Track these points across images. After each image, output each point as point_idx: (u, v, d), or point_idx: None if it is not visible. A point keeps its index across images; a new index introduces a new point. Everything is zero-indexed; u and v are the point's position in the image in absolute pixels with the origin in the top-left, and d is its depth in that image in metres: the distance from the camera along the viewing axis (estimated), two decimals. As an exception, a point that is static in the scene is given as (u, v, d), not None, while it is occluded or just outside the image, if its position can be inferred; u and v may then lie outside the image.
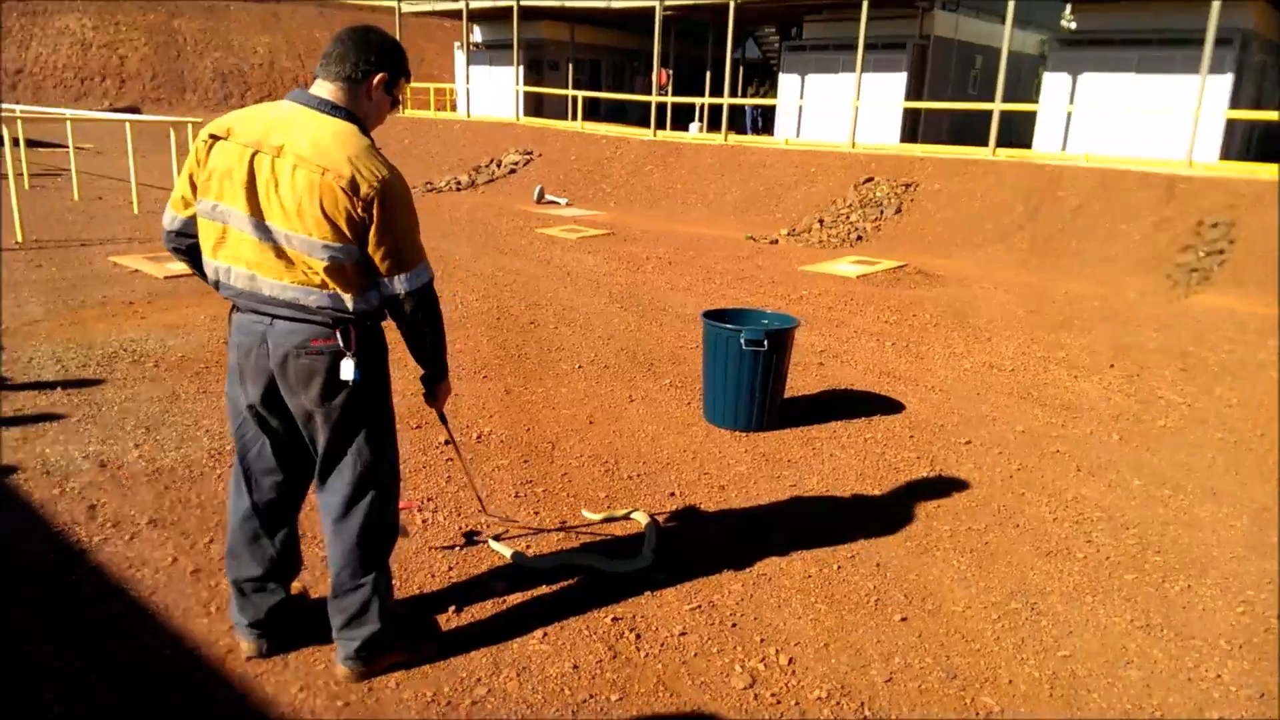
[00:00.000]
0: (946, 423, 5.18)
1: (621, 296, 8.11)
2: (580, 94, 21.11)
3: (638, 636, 3.00)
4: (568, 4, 22.36)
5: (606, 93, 24.62)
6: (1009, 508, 4.09)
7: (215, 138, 2.36)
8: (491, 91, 25.09)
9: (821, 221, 14.18)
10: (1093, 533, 3.87)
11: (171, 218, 2.50)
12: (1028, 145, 17.14)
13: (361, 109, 2.41)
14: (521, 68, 23.46)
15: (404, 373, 4.73)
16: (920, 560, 3.58)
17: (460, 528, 3.70)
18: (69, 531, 3.55)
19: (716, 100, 19.43)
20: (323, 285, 2.34)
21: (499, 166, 19.04)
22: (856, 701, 2.72)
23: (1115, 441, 4.99)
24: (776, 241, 12.72)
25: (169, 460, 4.25)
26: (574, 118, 21.21)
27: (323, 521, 2.65)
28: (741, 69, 24.32)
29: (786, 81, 20.48)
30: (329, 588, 2.68)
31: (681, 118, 22.85)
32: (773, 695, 2.74)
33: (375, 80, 2.40)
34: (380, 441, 2.59)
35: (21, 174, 13.98)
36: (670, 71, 22.34)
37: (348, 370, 2.39)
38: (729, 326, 4.75)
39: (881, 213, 14.32)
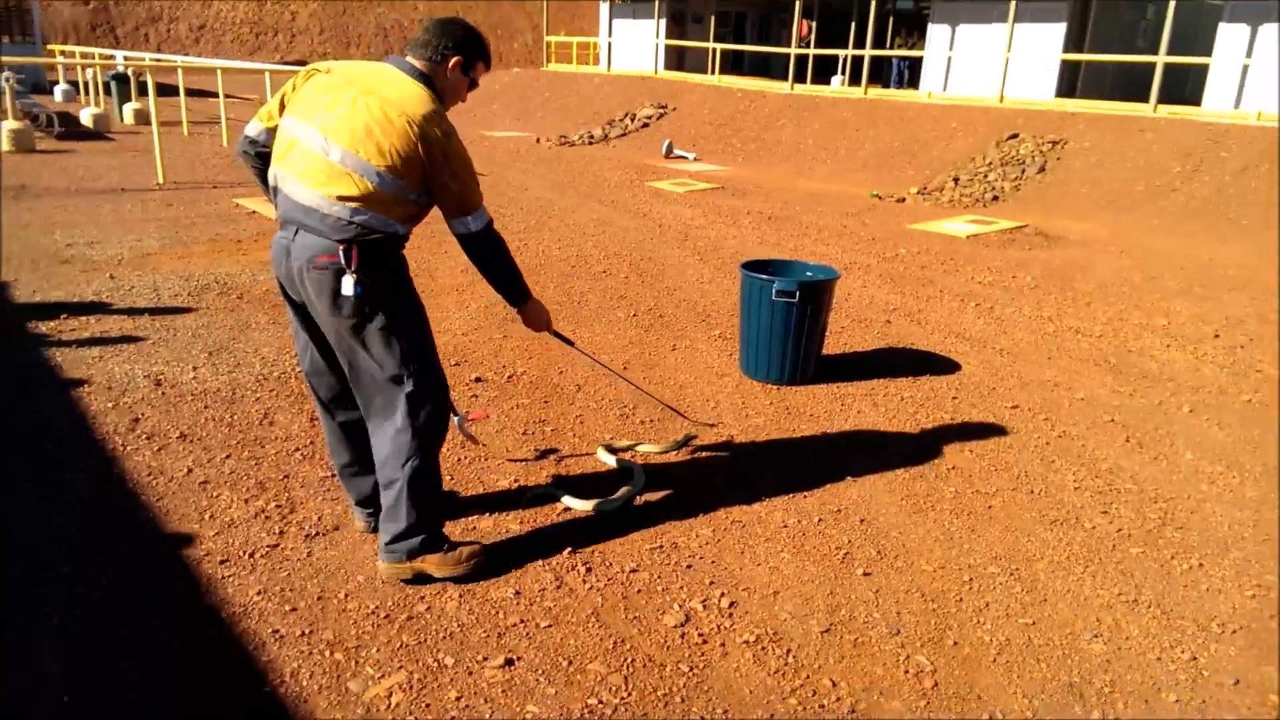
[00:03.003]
0: (999, 386, 4.91)
1: (704, 250, 8.04)
2: (718, 46, 20.82)
3: (588, 570, 3.03)
4: (711, -46, 22.00)
5: (750, 45, 24.16)
6: (1031, 474, 3.86)
7: (318, 71, 2.71)
8: (633, 45, 25.07)
9: (956, 180, 13.54)
10: (1114, 504, 3.61)
11: (255, 127, 2.79)
12: (1201, 103, 15.72)
13: (439, 85, 2.73)
14: (664, 20, 23.31)
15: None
16: (910, 519, 3.45)
17: (459, 458, 3.83)
18: (108, 440, 3.89)
19: (859, 52, 18.74)
20: (350, 199, 2.54)
21: (632, 120, 19.07)
22: (783, 648, 2.67)
23: (1184, 414, 4.61)
24: (904, 200, 12.23)
25: (218, 383, 4.57)
26: (713, 71, 20.95)
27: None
28: (891, 19, 23.32)
29: (936, 32, 19.50)
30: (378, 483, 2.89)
31: (825, 70, 22.19)
32: (700, 635, 2.72)
33: (452, 62, 2.72)
34: (400, 347, 2.70)
35: (180, 122, 15.10)
36: (813, 23, 21.67)
37: (347, 286, 2.59)
38: (762, 276, 4.65)
39: (1023, 171, 13.52)
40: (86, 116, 15.40)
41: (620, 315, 5.97)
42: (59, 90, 20.29)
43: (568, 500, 3.45)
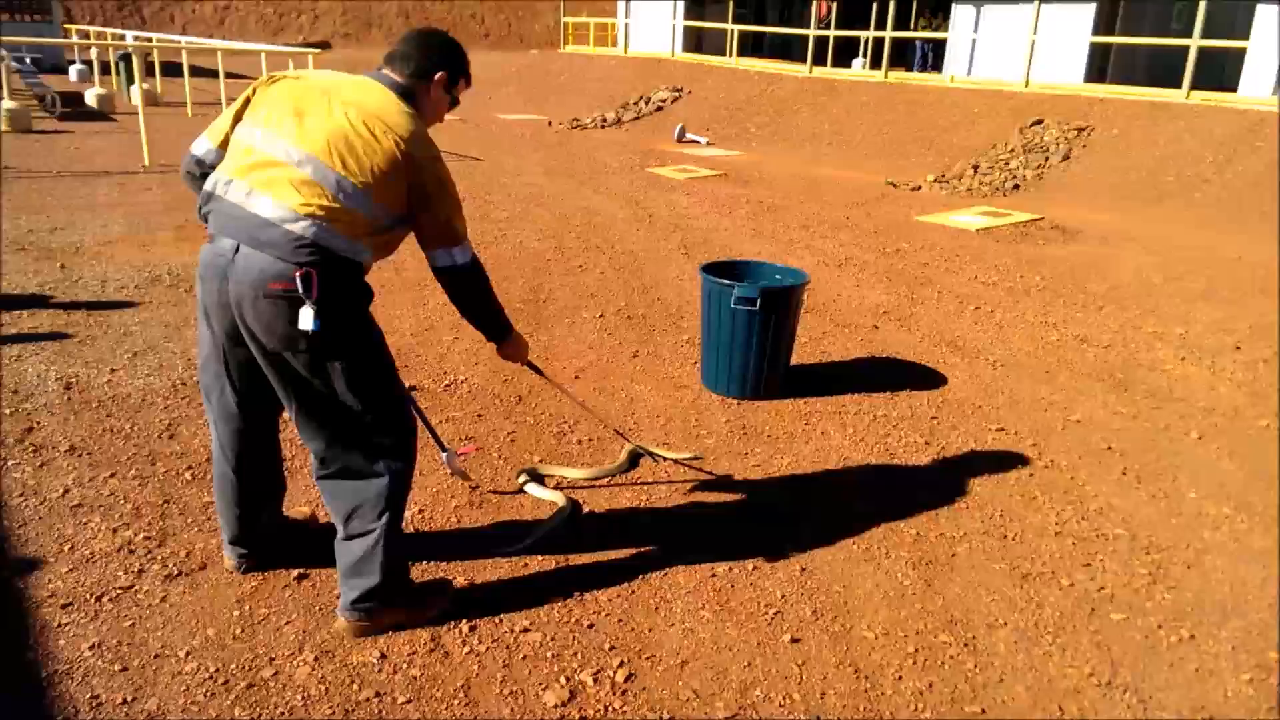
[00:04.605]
0: (986, 405, 4.44)
1: (692, 243, 7.58)
2: (736, 27, 20.24)
3: (471, 628, 2.64)
4: (732, -68, 21.36)
5: (769, 26, 23.52)
6: (1008, 513, 3.41)
7: (286, 78, 2.41)
8: (651, 26, 24.49)
9: (976, 167, 12.96)
10: (1099, 555, 3.15)
11: (204, 145, 2.49)
12: (1237, 89, 14.94)
13: (421, 102, 2.48)
14: (682, 2, 22.73)
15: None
16: (858, 568, 3.01)
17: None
18: (-10, 453, 3.55)
19: (881, 34, 18.08)
20: (316, 215, 2.22)
21: (647, 104, 18.57)
22: (676, 740, 2.26)
23: (1191, 441, 4.12)
24: (919, 188, 11.68)
25: (131, 387, 4.22)
26: (731, 53, 20.38)
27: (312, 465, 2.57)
28: (915, 0, 22.53)
29: (960, 13, 18.78)
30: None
31: (848, 53, 21.52)
32: (582, 719, 2.32)
33: (436, 78, 2.48)
34: (365, 388, 2.41)
35: (185, 103, 14.84)
36: (833, 4, 20.98)
37: (306, 319, 2.23)
38: (721, 281, 4.21)
39: (1047, 159, 12.90)
40: (91, 97, 15.18)
41: (586, 315, 5.55)
42: (74, 70, 20.13)
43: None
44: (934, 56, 21.35)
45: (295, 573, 2.86)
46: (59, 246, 6.63)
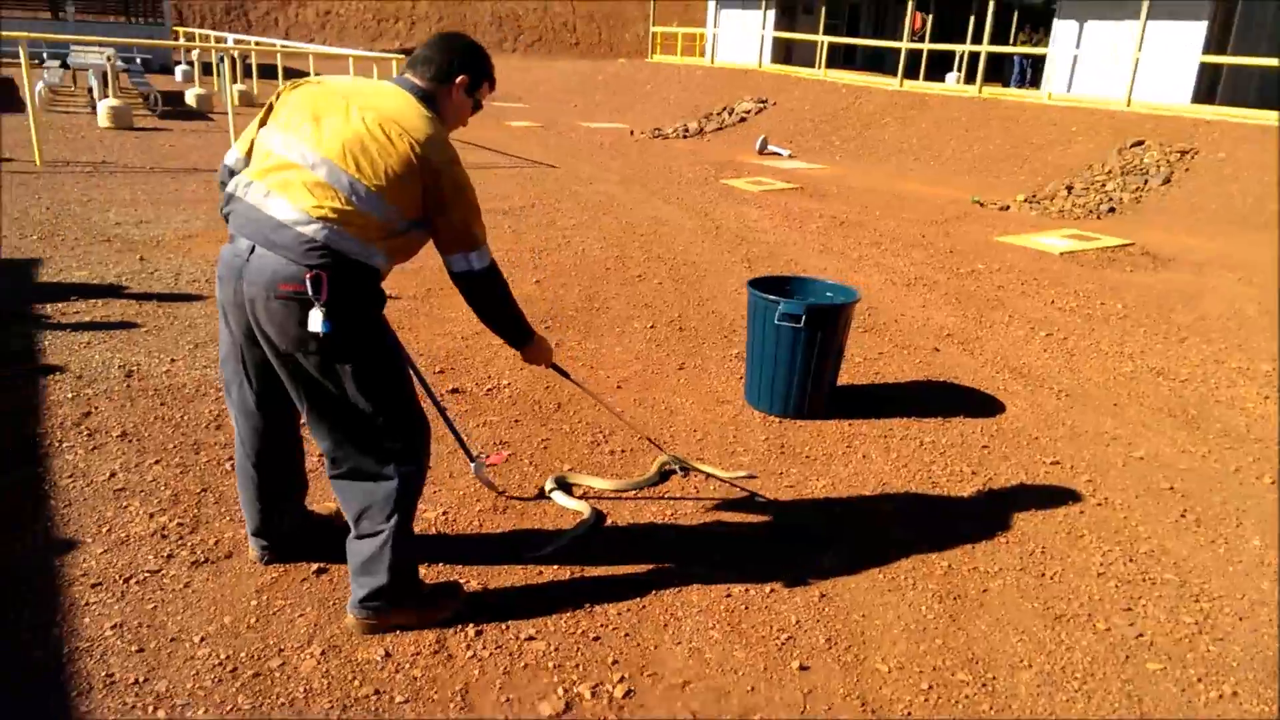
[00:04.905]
0: (1044, 436, 4.26)
1: (756, 256, 7.50)
2: (826, 39, 20.02)
3: (478, 634, 2.63)
4: (826, -56, 21.17)
5: (860, 38, 23.21)
6: (1049, 550, 3.25)
7: (308, 83, 2.44)
8: (740, 36, 24.42)
9: (1070, 188, 12.53)
10: (1141, 599, 2.98)
11: (234, 155, 2.55)
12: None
13: (442, 106, 2.48)
14: (772, 12, 22.60)
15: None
16: (882, 598, 2.91)
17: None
18: (49, 434, 3.71)
19: (977, 48, 17.65)
20: (329, 219, 2.24)
21: (730, 114, 18.52)
22: (667, 763, 2.21)
23: (1263, 485, 3.88)
24: (1008, 208, 11.35)
25: (188, 378, 4.35)
26: (820, 65, 20.17)
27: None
28: (1015, 14, 21.96)
29: (1062, 28, 18.21)
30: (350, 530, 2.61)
31: (941, 67, 21.10)
32: (575, 733, 2.29)
33: (458, 81, 2.48)
34: (376, 392, 2.42)
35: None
36: (927, 16, 20.58)
37: (315, 322, 2.26)
38: (767, 296, 4.13)
39: (1146, 182, 12.39)
40: (190, 96, 15.83)
41: (637, 326, 5.53)
42: (179, 70, 21.04)
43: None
44: (1033, 72, 20.77)
45: (315, 566, 2.90)
46: (141, 239, 6.91)
